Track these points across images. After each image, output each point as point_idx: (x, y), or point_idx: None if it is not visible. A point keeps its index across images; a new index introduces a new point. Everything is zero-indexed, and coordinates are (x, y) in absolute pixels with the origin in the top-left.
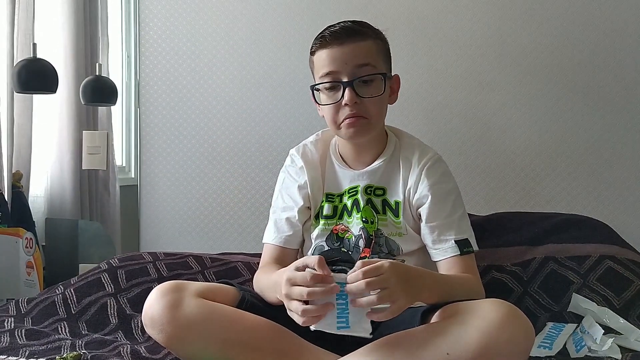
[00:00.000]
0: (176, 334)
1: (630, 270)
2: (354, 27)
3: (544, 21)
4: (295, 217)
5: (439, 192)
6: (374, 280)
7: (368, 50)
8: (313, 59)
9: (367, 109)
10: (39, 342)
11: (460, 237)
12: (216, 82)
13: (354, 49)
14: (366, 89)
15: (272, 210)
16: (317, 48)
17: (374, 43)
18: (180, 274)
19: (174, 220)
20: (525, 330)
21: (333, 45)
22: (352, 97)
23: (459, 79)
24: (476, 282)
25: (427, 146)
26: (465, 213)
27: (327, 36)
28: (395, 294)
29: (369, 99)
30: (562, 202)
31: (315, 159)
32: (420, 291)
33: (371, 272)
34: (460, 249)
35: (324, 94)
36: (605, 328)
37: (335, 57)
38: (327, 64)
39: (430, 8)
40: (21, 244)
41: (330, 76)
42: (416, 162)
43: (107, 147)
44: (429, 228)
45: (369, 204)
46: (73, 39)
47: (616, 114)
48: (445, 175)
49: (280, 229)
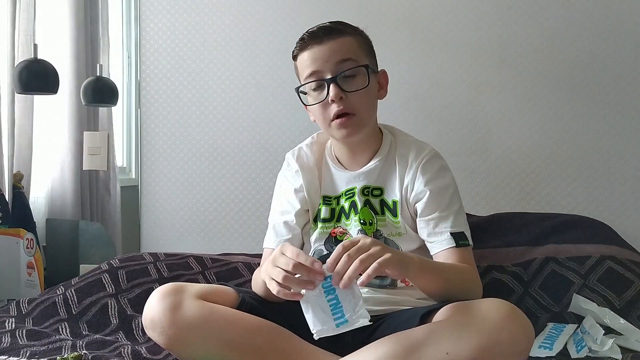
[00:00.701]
0: (177, 336)
1: (630, 271)
2: (331, 26)
3: (543, 22)
4: (293, 221)
5: (436, 186)
6: (353, 249)
7: (348, 45)
8: (296, 63)
9: (354, 104)
10: (40, 343)
11: (456, 230)
12: (217, 83)
13: (334, 46)
14: (350, 83)
15: (270, 215)
16: (297, 51)
17: (354, 39)
18: (181, 274)
19: (174, 220)
20: (525, 330)
21: (312, 45)
22: (337, 93)
23: (458, 80)
24: (473, 273)
25: (422, 143)
26: (462, 208)
27: (306, 38)
28: (377, 253)
29: (355, 92)
30: (562, 202)
31: (310, 162)
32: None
33: (349, 244)
34: (456, 241)
35: (311, 95)
36: (605, 328)
37: (316, 56)
38: (309, 65)
39: (428, 10)
40: (22, 245)
41: (314, 76)
42: (413, 160)
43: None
44: (425, 222)
45: (366, 205)
46: (74, 39)
47: (616, 115)
48: (442, 170)
49: (278, 233)
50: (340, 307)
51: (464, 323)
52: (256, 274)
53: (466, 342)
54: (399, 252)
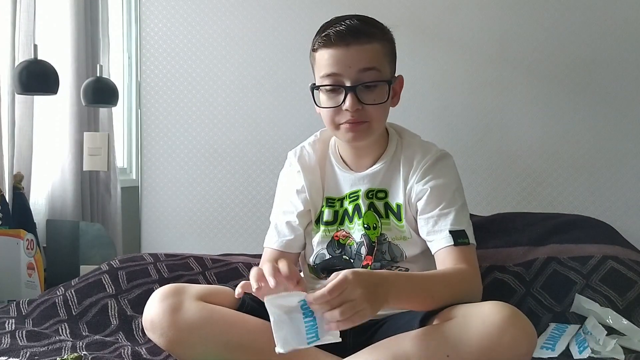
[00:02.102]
0: (177, 338)
1: (633, 271)
2: (360, 28)
3: (545, 21)
4: (295, 222)
5: (437, 184)
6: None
7: (374, 53)
8: (315, 55)
9: (368, 114)
10: (40, 344)
11: (455, 228)
12: (217, 83)
13: (359, 52)
14: (369, 94)
15: (272, 214)
16: (319, 46)
17: (381, 45)
18: (181, 275)
19: (175, 221)
20: (527, 334)
21: (337, 46)
22: (353, 104)
23: (460, 80)
24: (470, 274)
25: (429, 144)
26: (465, 207)
27: (332, 35)
28: (358, 305)
29: (372, 105)
30: (564, 202)
31: (312, 161)
32: (386, 296)
33: (335, 289)
34: (455, 239)
35: (324, 95)
36: (608, 329)
37: (339, 59)
38: (330, 65)
39: (430, 9)
40: (22, 246)
41: (332, 78)
42: (418, 162)
43: (108, 149)
44: (424, 220)
45: (371, 209)
46: (74, 40)
47: (618, 114)
48: (445, 169)
49: (281, 232)
50: (316, 328)
51: (465, 326)
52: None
53: (467, 346)
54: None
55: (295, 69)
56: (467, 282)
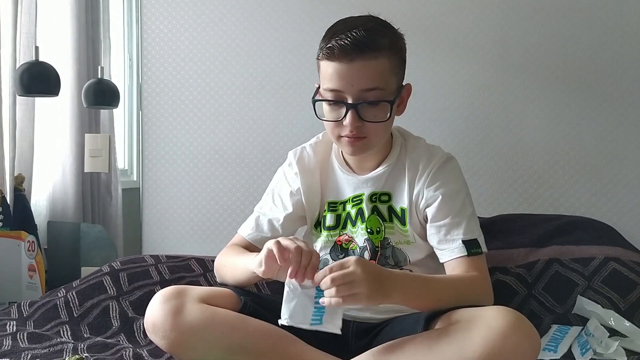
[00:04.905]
0: (179, 340)
1: (635, 272)
2: (366, 41)
3: (545, 22)
4: (278, 221)
5: (447, 190)
6: (338, 275)
7: (379, 71)
8: (320, 63)
9: (368, 131)
10: (41, 346)
11: (468, 237)
12: (218, 85)
13: (363, 70)
14: (371, 111)
15: (258, 205)
16: (322, 58)
17: (388, 59)
18: (183, 276)
19: (176, 223)
20: (531, 339)
21: (340, 60)
22: (353, 121)
23: (461, 81)
24: (481, 282)
25: (434, 147)
26: (474, 213)
27: (336, 49)
28: (355, 287)
29: (372, 122)
30: (566, 204)
31: (312, 164)
32: (390, 291)
33: (337, 266)
34: (468, 250)
35: (327, 106)
36: (610, 331)
37: (341, 75)
38: (332, 81)
39: (431, 11)
40: (23, 247)
41: (334, 94)
42: (424, 167)
43: (109, 150)
44: (435, 227)
45: (374, 213)
46: (75, 41)
47: (620, 115)
48: (454, 174)
49: (259, 226)
50: (323, 312)
51: (468, 330)
52: (222, 259)
53: (470, 350)
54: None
55: (297, 71)
56: (476, 288)
